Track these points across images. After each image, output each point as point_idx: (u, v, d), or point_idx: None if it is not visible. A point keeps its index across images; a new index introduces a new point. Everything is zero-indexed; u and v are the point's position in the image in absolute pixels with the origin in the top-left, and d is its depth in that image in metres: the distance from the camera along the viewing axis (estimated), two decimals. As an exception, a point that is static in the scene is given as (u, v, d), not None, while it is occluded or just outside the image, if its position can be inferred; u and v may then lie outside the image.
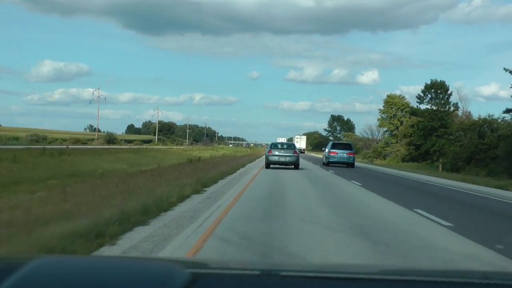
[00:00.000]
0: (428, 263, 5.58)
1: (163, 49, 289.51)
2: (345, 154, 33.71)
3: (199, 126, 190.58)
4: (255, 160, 39.09)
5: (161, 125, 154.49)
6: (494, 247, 6.53)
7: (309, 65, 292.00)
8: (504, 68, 35.17)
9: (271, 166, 26.11)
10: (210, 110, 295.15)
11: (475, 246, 6.70)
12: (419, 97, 46.90)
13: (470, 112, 52.46)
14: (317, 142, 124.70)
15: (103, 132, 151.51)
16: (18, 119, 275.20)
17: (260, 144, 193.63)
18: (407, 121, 70.26)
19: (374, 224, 8.35)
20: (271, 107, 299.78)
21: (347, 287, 1.32)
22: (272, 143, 28.41)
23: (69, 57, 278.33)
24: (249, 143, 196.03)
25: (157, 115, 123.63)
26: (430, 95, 46.87)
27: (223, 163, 25.82)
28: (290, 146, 28.65)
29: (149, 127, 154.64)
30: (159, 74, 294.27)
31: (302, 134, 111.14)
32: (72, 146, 38.82)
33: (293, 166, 26.26)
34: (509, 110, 37.29)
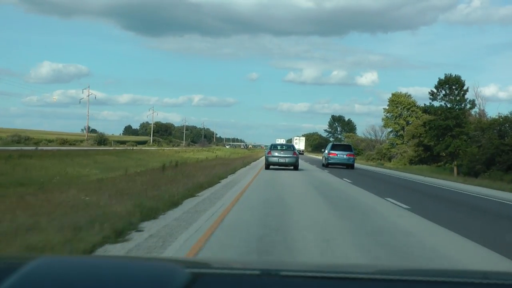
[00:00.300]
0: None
1: (162, 50, 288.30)
2: (344, 156, 33.19)
3: (197, 127, 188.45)
4: (250, 163, 34.24)
5: (158, 126, 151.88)
6: None
7: (308, 66, 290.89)
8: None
9: (271, 167, 26.37)
10: (209, 112, 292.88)
11: None
12: (432, 93, 42.47)
13: (484, 110, 48.41)
14: (316, 143, 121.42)
15: (101, 133, 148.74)
16: (17, 121, 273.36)
17: (259, 145, 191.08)
18: (414, 120, 66.21)
19: None
20: (270, 108, 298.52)
21: (347, 287, 1.31)
22: (271, 145, 28.62)
23: (68, 58, 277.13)
24: (247, 145, 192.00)
25: (152, 116, 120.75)
26: (444, 91, 42.48)
27: (210, 168, 21.75)
28: (290, 147, 28.96)
29: (146, 128, 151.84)
30: (158, 75, 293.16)
31: (301, 136, 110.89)
32: (47, 148, 34.93)
33: (292, 167, 26.49)
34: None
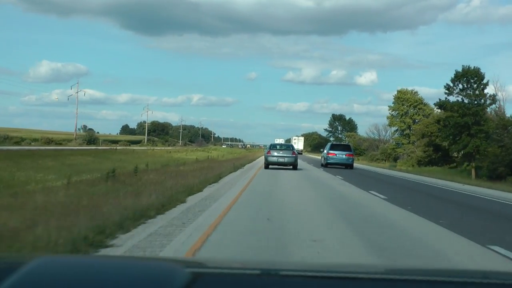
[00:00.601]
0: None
1: (161, 49, 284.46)
2: (344, 156, 32.76)
3: (196, 127, 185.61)
4: (244, 166, 29.54)
5: (155, 125, 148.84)
6: None
7: (307, 66, 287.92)
8: None
9: (270, 167, 26.49)
10: (208, 111, 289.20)
11: None
12: (448, 87, 38.09)
13: (503, 106, 44.09)
14: (316, 143, 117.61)
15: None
16: (16, 120, 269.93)
17: (257, 145, 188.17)
18: (422, 119, 62.79)
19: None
20: (269, 108, 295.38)
21: (347, 287, 1.31)
22: (271, 144, 28.76)
23: (66, 57, 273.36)
24: (245, 144, 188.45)
25: (146, 115, 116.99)
26: (461, 85, 38.15)
27: (184, 175, 16.81)
28: (289, 147, 29.25)
29: (143, 128, 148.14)
30: (157, 74, 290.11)
31: (300, 135, 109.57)
32: (14, 148, 30.91)
33: (291, 167, 26.69)
34: None
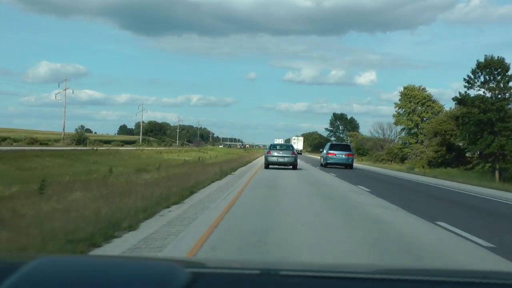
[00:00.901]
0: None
1: (160, 50, 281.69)
2: (343, 156, 32.81)
3: (194, 127, 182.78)
4: (235, 171, 23.16)
5: (152, 125, 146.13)
6: None
7: (306, 66, 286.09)
8: None
9: (270, 167, 26.66)
10: (207, 111, 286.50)
11: None
12: (469, 79, 34.08)
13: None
14: (316, 143, 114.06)
15: (95, 132, 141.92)
16: (15, 121, 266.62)
17: (257, 145, 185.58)
18: (431, 116, 59.39)
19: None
20: (269, 108, 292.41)
21: (347, 287, 1.31)
22: (271, 145, 29.06)
23: (66, 58, 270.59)
24: (244, 144, 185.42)
25: (141, 114, 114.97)
26: (483, 77, 34.04)
27: (153, 185, 12.08)
28: (289, 147, 29.61)
29: (145, 128, 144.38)
30: (157, 75, 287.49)
31: (300, 135, 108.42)
32: None
33: (291, 167, 26.88)
34: None
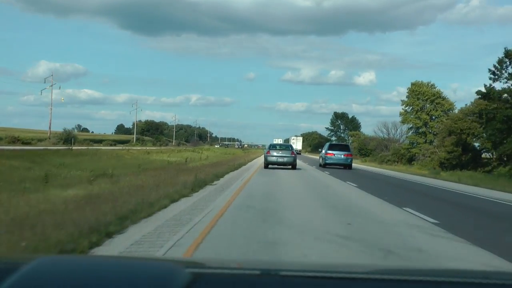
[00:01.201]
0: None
1: (160, 49, 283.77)
2: (342, 156, 32.81)
3: (192, 126, 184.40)
4: (219, 179, 17.29)
5: (148, 124, 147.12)
6: None
7: (306, 66, 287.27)
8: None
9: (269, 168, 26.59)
10: (206, 111, 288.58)
11: None
12: (494, 70, 31.15)
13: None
14: (316, 143, 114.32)
15: (92, 132, 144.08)
16: (14, 120, 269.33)
17: (256, 145, 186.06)
18: (440, 114, 56.78)
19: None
20: (268, 108, 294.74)
21: (347, 287, 1.30)
22: (270, 145, 29.35)
23: (64, 57, 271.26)
24: (242, 144, 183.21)
25: (135, 113, 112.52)
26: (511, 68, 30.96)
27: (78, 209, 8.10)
28: (288, 147, 29.83)
29: (138, 127, 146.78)
30: (156, 74, 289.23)
31: (299, 135, 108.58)
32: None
33: (290, 166, 27.15)
34: None
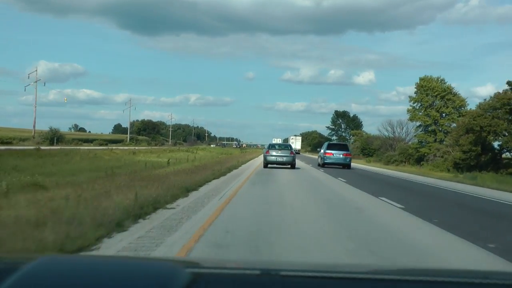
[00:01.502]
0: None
1: (159, 49, 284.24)
2: (341, 155, 32.80)
3: (190, 126, 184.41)
4: (195, 190, 12.73)
5: (145, 124, 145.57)
6: None
7: (305, 65, 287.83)
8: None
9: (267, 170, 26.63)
10: (205, 111, 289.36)
11: None
12: None
13: None
14: (316, 143, 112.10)
15: (89, 131, 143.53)
16: (14, 120, 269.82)
17: (255, 144, 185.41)
18: (451, 111, 53.66)
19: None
20: (267, 108, 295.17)
21: (347, 287, 1.30)
22: (269, 144, 29.55)
23: (63, 57, 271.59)
24: (241, 144, 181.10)
25: (129, 111, 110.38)
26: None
27: None
28: (287, 146, 29.92)
29: (135, 127, 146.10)
30: (155, 74, 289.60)
31: (298, 135, 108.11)
32: None
33: (289, 166, 27.37)
34: None
